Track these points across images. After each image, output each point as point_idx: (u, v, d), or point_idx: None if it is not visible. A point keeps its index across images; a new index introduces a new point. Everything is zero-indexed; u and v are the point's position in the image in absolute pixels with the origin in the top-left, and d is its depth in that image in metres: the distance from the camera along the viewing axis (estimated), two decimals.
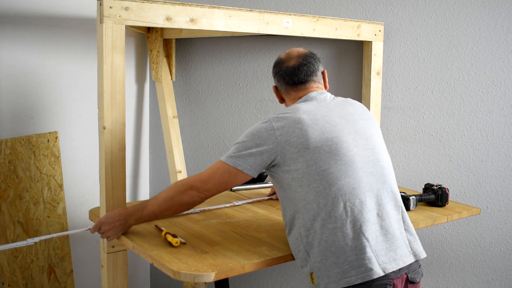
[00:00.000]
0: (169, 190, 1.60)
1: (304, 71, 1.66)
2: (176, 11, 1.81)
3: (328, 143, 1.48)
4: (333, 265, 1.43)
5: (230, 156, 1.54)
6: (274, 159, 1.52)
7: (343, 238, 1.43)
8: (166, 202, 1.59)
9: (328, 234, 1.44)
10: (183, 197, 1.57)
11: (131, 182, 2.90)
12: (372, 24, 2.32)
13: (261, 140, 1.51)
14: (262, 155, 1.51)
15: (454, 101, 2.30)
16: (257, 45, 2.61)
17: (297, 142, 1.48)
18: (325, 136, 1.49)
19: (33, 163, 2.40)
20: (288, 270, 2.67)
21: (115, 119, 1.73)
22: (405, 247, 1.51)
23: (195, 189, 1.56)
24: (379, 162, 1.55)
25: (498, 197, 2.25)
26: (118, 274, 1.83)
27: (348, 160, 1.49)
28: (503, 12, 2.19)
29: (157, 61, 2.67)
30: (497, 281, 2.28)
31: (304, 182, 1.47)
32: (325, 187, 1.46)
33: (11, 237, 2.34)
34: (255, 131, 1.54)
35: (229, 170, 1.53)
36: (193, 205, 1.60)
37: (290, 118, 1.52)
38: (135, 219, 1.63)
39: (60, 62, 2.46)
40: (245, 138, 1.55)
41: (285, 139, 1.50)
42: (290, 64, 1.67)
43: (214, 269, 1.42)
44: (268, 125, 1.53)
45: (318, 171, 1.46)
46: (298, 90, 1.67)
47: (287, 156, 1.49)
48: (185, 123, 2.82)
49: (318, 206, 1.46)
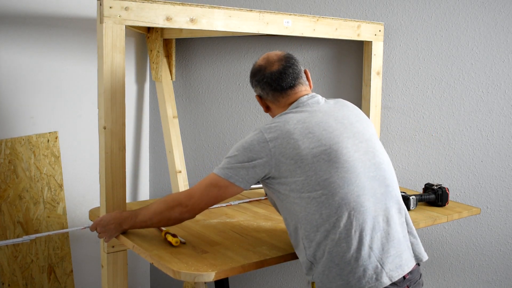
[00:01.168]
0: (159, 204, 1.57)
1: (290, 74, 1.56)
2: (176, 11, 1.81)
3: (327, 151, 1.42)
4: (336, 277, 1.38)
5: (222, 167, 1.48)
6: (268, 172, 1.45)
7: (348, 248, 1.38)
8: (156, 215, 1.56)
9: (332, 245, 1.39)
10: (172, 213, 1.53)
11: (131, 182, 2.90)
12: (372, 24, 2.33)
13: (253, 153, 1.44)
14: (255, 168, 1.44)
15: (454, 101, 2.30)
16: (257, 45, 2.61)
17: (293, 153, 1.41)
18: (323, 144, 1.42)
19: (33, 163, 2.40)
20: (288, 270, 2.67)
21: (115, 119, 1.73)
22: (408, 251, 1.47)
23: (183, 206, 1.52)
24: (380, 165, 1.50)
25: (498, 197, 2.25)
26: (118, 274, 1.83)
27: (350, 166, 1.42)
28: (503, 12, 2.19)
29: (157, 61, 2.67)
30: (497, 281, 2.28)
31: (303, 193, 1.41)
32: (327, 197, 1.40)
33: (11, 237, 2.34)
34: (246, 144, 1.46)
35: (220, 182, 1.47)
36: (184, 220, 1.56)
37: (283, 129, 1.45)
38: (128, 225, 1.63)
39: (60, 62, 2.46)
40: (236, 152, 1.48)
41: (280, 151, 1.43)
42: (274, 68, 1.57)
43: (214, 268, 1.42)
44: (260, 137, 1.45)
45: (319, 181, 1.40)
46: (288, 95, 1.57)
47: (282, 169, 1.43)
48: (185, 123, 2.82)
49: (321, 217, 1.40)
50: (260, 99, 1.63)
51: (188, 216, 1.54)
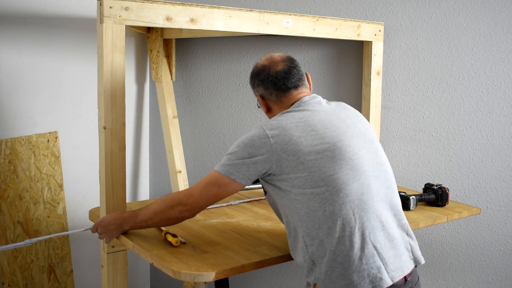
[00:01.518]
0: (159, 203, 1.56)
1: (295, 75, 1.57)
2: (176, 11, 1.81)
3: (331, 148, 1.41)
4: (339, 277, 1.36)
5: (223, 164, 1.47)
6: (269, 169, 1.44)
7: (351, 247, 1.36)
8: (156, 215, 1.56)
9: (335, 243, 1.37)
10: (172, 212, 1.53)
11: (131, 182, 2.90)
12: (372, 24, 2.33)
13: (254, 149, 1.43)
14: (256, 164, 1.43)
15: (454, 101, 2.30)
16: (257, 45, 2.61)
17: (295, 150, 1.40)
18: (326, 141, 1.42)
19: (33, 163, 2.40)
20: (288, 270, 2.67)
21: (115, 119, 1.73)
22: (407, 252, 1.47)
23: (183, 205, 1.51)
24: (382, 165, 1.50)
25: (498, 197, 2.25)
26: (118, 274, 1.83)
27: (355, 164, 1.42)
28: (503, 12, 2.19)
29: (157, 61, 2.67)
30: (497, 281, 2.28)
31: (306, 189, 1.39)
32: (331, 193, 1.38)
33: (11, 237, 2.34)
34: (247, 140, 1.45)
35: (220, 180, 1.46)
36: (184, 219, 1.55)
37: (285, 125, 1.44)
38: (129, 225, 1.63)
39: (60, 62, 2.47)
40: (237, 148, 1.47)
41: (281, 147, 1.41)
42: (279, 68, 1.57)
43: (214, 268, 1.42)
44: (262, 133, 1.44)
45: (323, 177, 1.39)
46: (291, 96, 1.57)
47: (284, 165, 1.41)
48: (185, 123, 2.82)
49: (324, 213, 1.38)
50: (262, 99, 1.62)
51: (188, 215, 1.53)
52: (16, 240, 2.35)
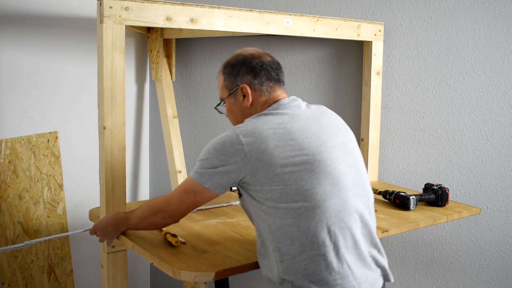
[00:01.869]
0: (144, 209, 1.55)
1: (283, 71, 1.51)
2: (176, 11, 1.81)
3: (310, 161, 1.30)
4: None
5: (197, 172, 1.40)
6: (243, 177, 1.34)
7: (326, 266, 1.29)
8: (142, 220, 1.56)
9: (308, 261, 1.29)
10: (155, 218, 1.51)
11: (131, 182, 2.90)
12: (372, 24, 2.33)
13: (227, 156, 1.33)
14: (230, 173, 1.34)
15: (454, 101, 2.30)
16: (257, 45, 2.61)
17: (271, 161, 1.29)
18: (305, 153, 1.31)
19: (33, 163, 2.40)
20: None
21: (115, 119, 1.73)
22: (378, 270, 1.42)
23: (164, 212, 1.49)
24: (362, 179, 1.42)
25: (498, 197, 2.25)
26: (118, 274, 1.83)
27: (335, 178, 1.32)
28: (503, 12, 2.19)
29: (157, 61, 2.67)
30: (497, 281, 2.28)
31: (281, 203, 1.30)
32: (307, 209, 1.29)
33: (11, 237, 2.34)
34: (219, 146, 1.36)
35: (195, 188, 1.40)
36: (168, 225, 1.54)
37: (262, 132, 1.32)
38: (125, 226, 1.63)
39: (60, 62, 2.47)
40: (208, 154, 1.38)
41: (256, 156, 1.30)
42: (269, 59, 1.49)
43: (214, 268, 1.42)
44: (235, 139, 1.33)
45: (300, 191, 1.29)
46: (279, 91, 1.48)
47: (259, 175, 1.31)
48: (185, 123, 2.82)
49: (298, 229, 1.29)
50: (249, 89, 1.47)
51: (170, 221, 1.51)
52: (16, 240, 2.35)
